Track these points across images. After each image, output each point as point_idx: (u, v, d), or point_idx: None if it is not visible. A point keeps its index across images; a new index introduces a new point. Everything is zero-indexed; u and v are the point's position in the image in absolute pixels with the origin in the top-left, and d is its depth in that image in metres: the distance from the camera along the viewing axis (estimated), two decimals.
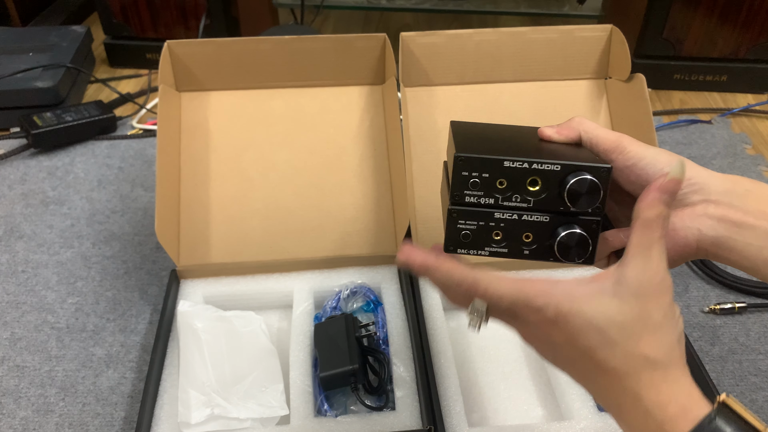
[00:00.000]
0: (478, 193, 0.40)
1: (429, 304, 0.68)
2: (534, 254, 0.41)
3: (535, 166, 0.39)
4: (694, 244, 0.39)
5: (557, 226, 0.40)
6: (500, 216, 0.40)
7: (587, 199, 0.39)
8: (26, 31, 1.20)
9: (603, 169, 0.39)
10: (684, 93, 1.14)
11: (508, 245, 0.41)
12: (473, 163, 0.39)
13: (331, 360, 0.59)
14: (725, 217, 0.38)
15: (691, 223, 0.38)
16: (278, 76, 0.77)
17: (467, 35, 0.75)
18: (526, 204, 0.40)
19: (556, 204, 0.40)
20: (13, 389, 0.65)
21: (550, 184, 0.39)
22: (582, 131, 0.42)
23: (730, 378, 0.65)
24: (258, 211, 0.74)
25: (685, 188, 0.39)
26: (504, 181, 0.39)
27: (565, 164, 0.39)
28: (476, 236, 0.41)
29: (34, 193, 0.91)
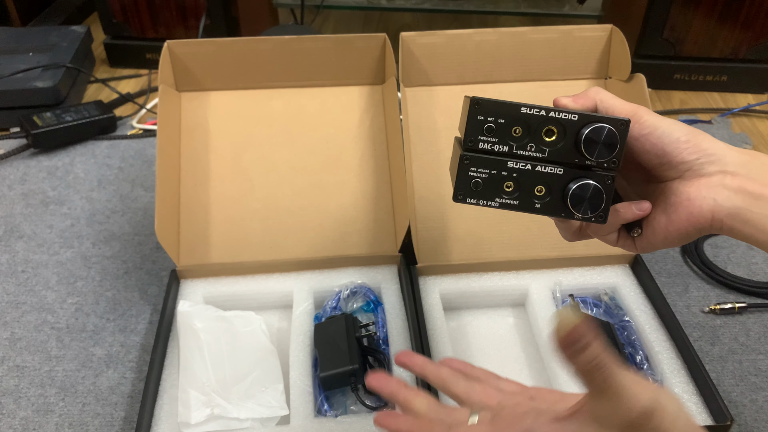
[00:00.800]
0: (492, 139, 0.39)
1: (429, 304, 0.68)
2: (545, 208, 0.40)
3: (552, 114, 0.38)
4: (709, 215, 0.38)
5: (571, 180, 0.39)
6: (513, 165, 0.39)
7: (603, 150, 0.38)
8: (26, 31, 1.20)
9: (621, 122, 0.38)
10: (684, 93, 1.14)
11: (519, 197, 0.40)
12: (489, 107, 0.38)
13: (331, 360, 0.59)
14: (742, 188, 0.37)
15: (707, 193, 0.38)
16: (278, 76, 0.77)
17: (467, 35, 0.75)
18: (540, 154, 0.39)
19: (571, 156, 0.39)
20: (13, 389, 0.65)
21: (567, 135, 0.39)
22: (598, 100, 0.42)
23: (731, 378, 0.65)
24: (258, 211, 0.74)
25: (702, 158, 0.38)
26: (519, 128, 0.39)
27: (583, 114, 0.38)
28: (487, 185, 0.40)
29: (34, 193, 0.91)
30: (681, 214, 0.39)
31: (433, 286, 0.70)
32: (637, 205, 0.41)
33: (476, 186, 0.40)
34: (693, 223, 0.38)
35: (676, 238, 0.40)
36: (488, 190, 0.40)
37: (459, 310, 0.71)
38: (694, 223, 0.38)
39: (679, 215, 0.39)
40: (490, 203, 0.40)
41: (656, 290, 0.68)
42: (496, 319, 0.71)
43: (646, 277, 0.70)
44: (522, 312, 0.71)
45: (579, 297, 0.69)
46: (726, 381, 0.65)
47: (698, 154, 0.38)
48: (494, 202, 0.40)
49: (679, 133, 0.39)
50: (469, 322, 0.70)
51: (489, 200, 0.40)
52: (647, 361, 0.62)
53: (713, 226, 0.38)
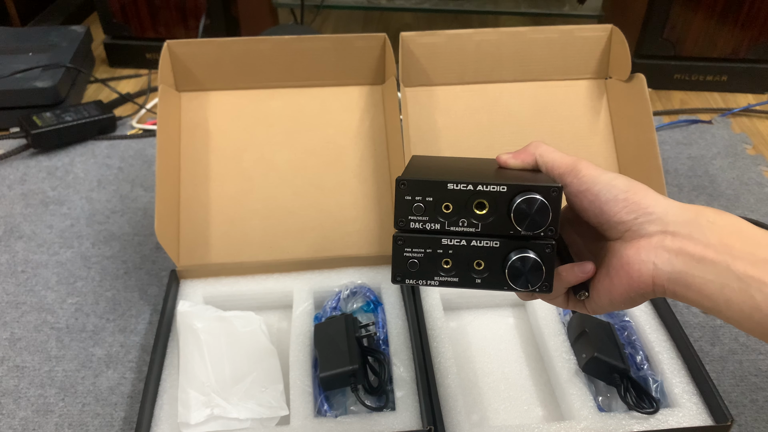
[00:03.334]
0: (422, 218, 0.38)
1: (429, 304, 0.68)
2: (486, 283, 0.39)
3: (480, 188, 0.37)
4: (650, 280, 0.35)
5: (509, 252, 0.38)
6: (448, 242, 0.38)
7: (536, 220, 0.36)
8: (26, 31, 1.20)
9: (553, 189, 0.36)
10: (684, 93, 1.14)
11: (458, 274, 0.39)
12: (415, 187, 0.37)
13: (331, 360, 0.59)
14: (683, 250, 0.34)
15: (646, 257, 0.35)
16: (278, 76, 0.77)
17: (467, 35, 0.75)
18: (474, 228, 0.38)
19: (505, 227, 0.38)
20: (13, 389, 0.65)
21: (498, 207, 0.37)
22: (537, 155, 0.40)
23: (731, 378, 0.65)
24: (258, 211, 0.74)
25: (641, 218, 0.36)
26: (450, 204, 0.38)
27: (511, 185, 0.37)
28: (424, 265, 0.39)
29: (33, 193, 0.91)
30: (621, 278, 0.36)
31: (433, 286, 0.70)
32: (580, 267, 0.38)
33: (413, 266, 0.39)
34: (634, 288, 0.36)
35: (620, 302, 0.37)
36: (426, 269, 0.39)
37: (459, 310, 0.71)
38: (635, 288, 0.36)
39: (620, 280, 0.36)
40: (429, 282, 0.39)
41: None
42: (496, 319, 0.71)
43: None
44: (522, 312, 0.71)
45: None
46: (726, 381, 0.65)
47: (636, 213, 0.36)
48: (433, 281, 0.39)
49: (617, 191, 0.36)
50: (469, 322, 0.70)
51: (428, 279, 0.39)
52: (647, 362, 0.62)
53: (656, 291, 0.36)
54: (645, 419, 0.56)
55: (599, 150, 0.77)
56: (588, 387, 0.60)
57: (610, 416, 0.57)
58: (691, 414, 0.57)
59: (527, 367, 0.65)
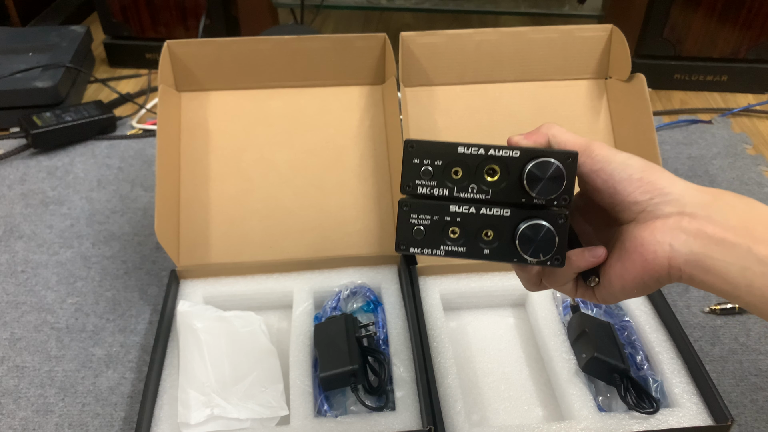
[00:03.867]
0: (430, 182, 0.36)
1: (429, 304, 0.68)
2: (495, 254, 0.37)
3: (492, 152, 0.36)
4: (665, 263, 0.34)
5: (520, 221, 0.36)
6: (456, 209, 0.36)
7: (549, 186, 0.35)
8: (26, 31, 1.20)
9: (568, 155, 0.35)
10: (684, 93, 1.14)
11: (466, 243, 0.37)
12: (424, 149, 0.36)
13: (331, 360, 0.59)
14: (702, 231, 0.33)
15: (662, 238, 0.34)
16: (278, 76, 0.77)
17: (467, 35, 0.75)
18: (484, 195, 0.36)
19: (517, 195, 0.36)
20: (13, 389, 0.65)
21: (510, 173, 0.36)
22: (551, 135, 0.39)
23: (731, 378, 0.65)
24: (258, 211, 0.74)
25: (656, 198, 0.34)
26: (459, 169, 0.36)
27: (525, 149, 0.36)
28: (430, 233, 0.37)
29: (33, 193, 0.91)
30: (635, 261, 0.35)
31: (433, 286, 0.70)
32: (590, 251, 0.37)
33: (418, 234, 0.37)
34: (648, 271, 0.34)
35: (633, 288, 0.36)
36: (432, 237, 0.37)
37: (459, 310, 0.71)
38: (649, 271, 0.34)
39: (634, 263, 0.35)
40: (435, 251, 0.37)
41: (656, 290, 0.68)
42: (496, 319, 0.71)
43: None
44: (522, 312, 0.71)
45: None
46: (726, 381, 0.65)
47: (652, 194, 0.35)
48: (439, 250, 0.37)
49: (632, 170, 0.35)
50: (469, 322, 0.70)
51: (434, 248, 0.37)
52: (647, 362, 0.62)
53: (672, 275, 0.34)
54: (645, 419, 0.56)
55: None
56: (588, 387, 0.60)
57: (610, 416, 0.57)
58: (691, 414, 0.57)
59: (527, 367, 0.65)
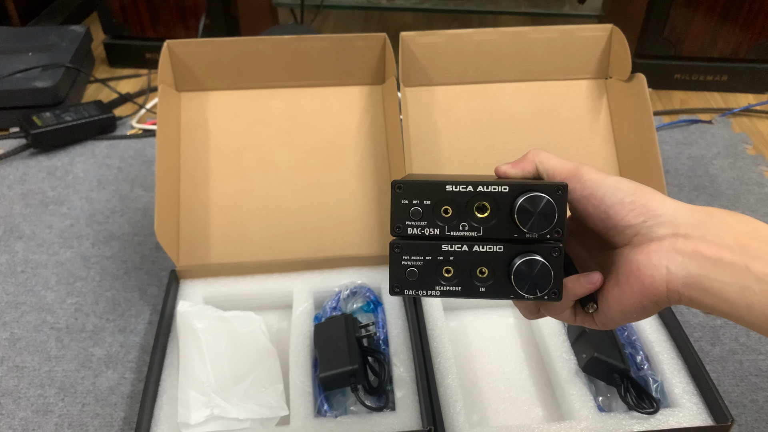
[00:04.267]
0: (420, 223, 0.36)
1: (429, 304, 0.68)
2: (491, 291, 0.36)
3: (480, 189, 0.35)
4: (663, 286, 0.33)
5: (514, 256, 0.36)
6: (449, 248, 0.36)
7: (541, 221, 0.34)
8: (26, 30, 1.20)
9: (558, 187, 0.34)
10: (684, 93, 1.14)
11: (461, 282, 0.36)
12: (412, 189, 0.35)
13: (331, 360, 0.59)
14: (697, 252, 0.32)
15: (657, 261, 0.33)
16: (278, 76, 0.77)
17: (467, 35, 0.75)
18: (475, 232, 0.36)
19: (509, 231, 0.35)
20: (13, 389, 0.65)
21: (500, 208, 0.35)
22: (538, 162, 0.38)
23: (731, 378, 0.65)
24: (258, 211, 0.74)
25: (649, 221, 0.34)
26: (449, 208, 0.36)
27: (514, 184, 0.35)
28: (424, 273, 0.36)
29: (33, 193, 0.90)
30: (633, 286, 0.34)
31: None
32: (586, 278, 0.36)
33: (412, 275, 0.36)
34: (647, 295, 0.34)
35: (632, 312, 0.35)
36: (426, 278, 0.36)
37: (459, 310, 0.71)
38: (648, 295, 0.34)
39: (631, 288, 0.34)
40: (430, 293, 0.36)
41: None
42: (496, 319, 0.71)
43: None
44: None
45: None
46: (726, 381, 0.65)
47: (645, 216, 0.34)
48: (434, 291, 0.36)
49: (623, 194, 0.35)
50: (469, 322, 0.70)
51: (428, 289, 0.36)
52: (648, 362, 0.62)
53: (671, 298, 0.34)
54: (645, 419, 0.56)
55: (599, 150, 0.77)
56: (588, 387, 0.60)
57: (611, 416, 0.57)
58: (691, 414, 0.57)
59: (527, 367, 0.65)
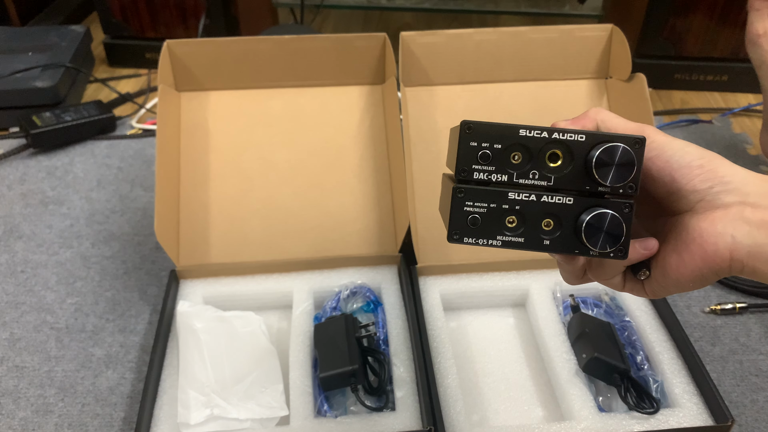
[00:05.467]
0: (488, 168, 0.34)
1: (429, 304, 0.68)
2: (555, 245, 0.35)
3: (556, 136, 0.34)
4: (727, 255, 0.32)
5: (582, 211, 0.34)
6: (515, 197, 0.34)
7: (618, 174, 0.33)
8: (25, 30, 1.20)
9: (636, 140, 0.33)
10: (685, 93, 1.14)
11: (525, 233, 0.35)
12: (483, 131, 0.34)
13: (331, 360, 0.59)
14: (765, 222, 0.31)
15: (723, 229, 0.32)
16: (278, 76, 0.77)
17: (467, 35, 0.75)
18: (545, 182, 0.34)
19: (581, 182, 0.34)
20: (13, 389, 0.65)
21: (575, 158, 0.34)
22: (599, 120, 0.37)
23: (731, 378, 0.65)
24: (258, 211, 0.74)
25: (717, 187, 0.33)
26: (519, 154, 0.34)
27: (592, 133, 0.34)
28: (486, 221, 0.34)
29: (33, 193, 0.90)
30: (694, 253, 0.33)
31: (433, 286, 0.70)
32: (641, 243, 0.35)
33: (474, 223, 0.35)
34: (708, 263, 0.33)
35: (689, 281, 0.34)
36: (488, 226, 0.35)
37: (459, 311, 0.71)
38: (709, 263, 0.33)
39: (692, 255, 0.33)
40: (491, 242, 0.35)
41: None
42: (496, 319, 0.71)
43: None
44: (522, 312, 0.71)
45: (579, 297, 0.69)
46: (726, 381, 0.65)
47: (712, 182, 0.33)
48: (496, 240, 0.35)
49: (691, 157, 0.34)
50: (469, 322, 0.70)
51: (490, 238, 0.35)
52: (648, 362, 0.62)
53: (733, 268, 0.32)
54: (645, 419, 0.56)
55: None
56: (588, 387, 0.60)
57: (611, 416, 0.57)
58: (691, 414, 0.57)
59: (527, 367, 0.65)
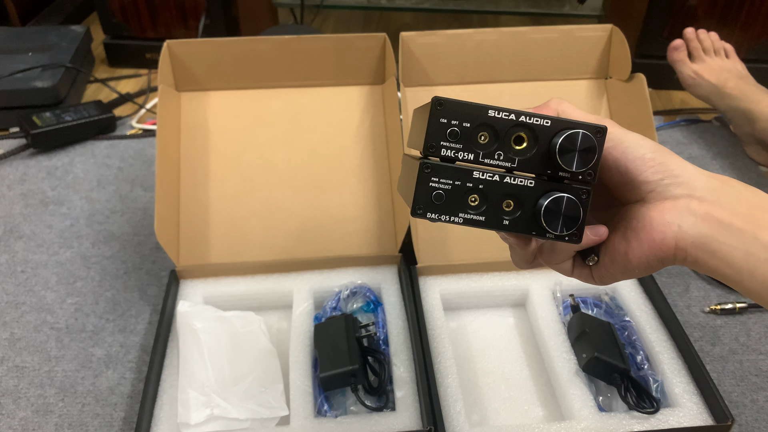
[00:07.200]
0: (456, 145, 0.35)
1: (429, 304, 0.68)
2: (514, 225, 0.36)
3: (522, 119, 0.34)
4: (672, 243, 0.34)
5: (543, 194, 0.35)
6: (480, 176, 0.35)
7: (579, 159, 0.34)
8: (25, 30, 1.20)
9: (597, 129, 0.34)
10: (684, 93, 1.13)
11: (486, 212, 0.36)
12: (453, 108, 0.34)
13: (331, 360, 0.59)
14: (710, 215, 0.33)
15: (671, 218, 0.34)
16: (278, 76, 0.77)
17: (467, 35, 0.75)
18: (509, 163, 0.35)
19: (543, 166, 0.35)
20: (13, 389, 0.65)
21: (539, 142, 0.35)
22: (560, 111, 0.38)
23: (731, 378, 0.65)
24: (258, 211, 0.74)
25: (667, 179, 0.35)
26: (486, 134, 0.35)
27: (557, 119, 0.35)
28: (450, 198, 0.35)
29: (33, 193, 0.90)
30: (642, 240, 0.35)
31: (433, 286, 0.70)
32: (592, 229, 0.37)
33: (438, 198, 0.35)
34: (654, 251, 0.35)
35: (636, 267, 0.36)
36: (451, 203, 0.35)
37: (459, 310, 0.71)
38: (656, 251, 0.35)
39: (640, 242, 0.35)
40: (453, 219, 0.36)
41: (657, 290, 0.68)
42: (496, 319, 0.71)
43: (646, 278, 0.70)
44: (522, 312, 0.71)
45: (579, 297, 0.69)
46: (727, 381, 0.65)
47: (663, 174, 0.35)
48: (458, 217, 0.36)
49: (645, 150, 0.35)
50: (469, 322, 0.70)
51: (452, 215, 0.35)
52: (648, 361, 0.62)
53: (677, 256, 0.34)
54: (645, 419, 0.56)
55: None
56: (588, 387, 0.60)
57: (611, 416, 0.57)
58: (691, 414, 0.57)
59: (527, 367, 0.65)
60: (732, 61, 0.99)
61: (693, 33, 1.00)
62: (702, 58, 0.99)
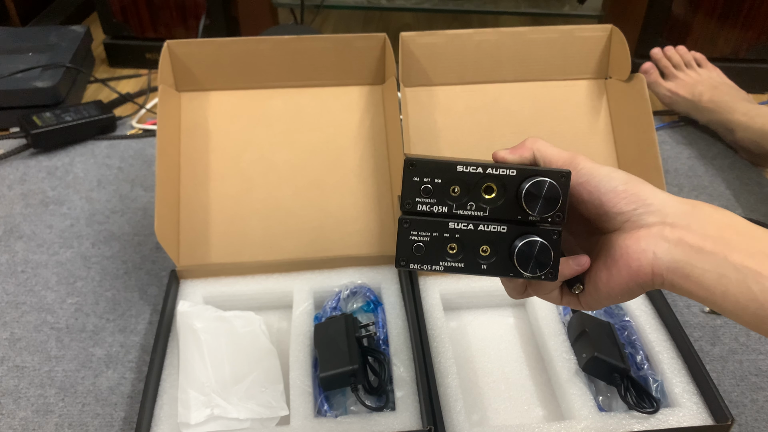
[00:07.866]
0: (430, 200, 0.38)
1: (429, 304, 0.68)
2: (492, 269, 0.39)
3: (489, 171, 0.37)
4: (649, 270, 0.36)
5: (516, 237, 0.38)
6: (455, 226, 0.38)
7: (546, 204, 0.37)
8: (26, 30, 1.20)
9: (561, 174, 0.37)
10: None
11: (464, 258, 0.38)
12: (425, 167, 0.37)
13: (331, 360, 0.59)
14: (682, 240, 0.35)
15: (646, 246, 0.36)
16: (278, 76, 0.77)
17: (467, 35, 0.75)
18: (482, 212, 0.38)
19: (513, 212, 0.38)
20: (13, 389, 0.65)
21: (507, 191, 0.38)
22: (535, 150, 0.40)
23: (731, 378, 0.65)
24: (258, 211, 0.74)
25: (640, 209, 0.37)
26: (458, 187, 0.38)
27: (521, 168, 0.37)
28: (430, 249, 0.38)
29: (33, 193, 0.90)
30: (621, 268, 0.37)
31: (433, 286, 0.70)
32: (575, 260, 0.39)
33: (418, 250, 0.38)
34: (633, 278, 0.36)
35: (618, 294, 0.38)
36: (431, 253, 0.38)
37: (459, 310, 0.71)
38: (634, 278, 0.36)
39: (619, 270, 0.37)
40: (434, 267, 0.38)
41: (657, 290, 0.68)
42: (496, 319, 0.71)
43: None
44: (522, 312, 0.71)
45: None
46: (726, 381, 0.65)
47: (636, 204, 0.37)
48: (438, 266, 0.38)
49: (617, 182, 0.37)
50: (469, 322, 0.70)
51: (433, 264, 0.38)
52: (647, 361, 0.62)
53: (655, 281, 0.36)
54: (645, 419, 0.57)
55: (599, 150, 0.77)
56: (588, 387, 0.60)
57: (611, 416, 0.57)
58: (691, 414, 0.57)
59: (527, 367, 0.65)
60: (706, 69, 1.00)
61: (660, 52, 1.01)
62: (674, 75, 1.00)
